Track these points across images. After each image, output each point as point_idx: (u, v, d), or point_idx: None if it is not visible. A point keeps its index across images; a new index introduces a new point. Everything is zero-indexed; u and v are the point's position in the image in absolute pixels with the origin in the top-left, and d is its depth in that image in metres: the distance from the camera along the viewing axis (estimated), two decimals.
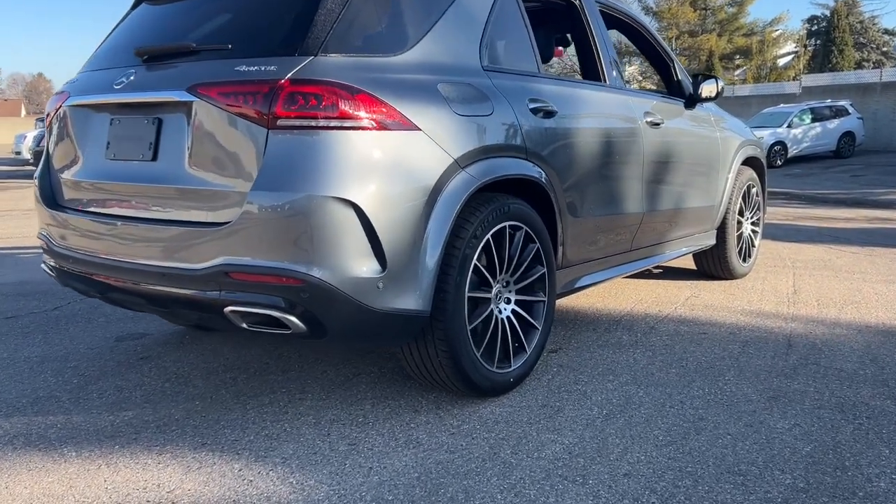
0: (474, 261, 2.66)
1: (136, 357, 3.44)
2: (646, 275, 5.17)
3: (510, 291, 2.95)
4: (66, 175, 2.90)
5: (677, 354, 3.41)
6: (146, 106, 2.61)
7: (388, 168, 2.40)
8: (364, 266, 2.35)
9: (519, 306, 2.98)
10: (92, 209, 2.77)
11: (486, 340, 2.77)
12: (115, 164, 2.71)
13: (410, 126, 2.46)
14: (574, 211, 3.26)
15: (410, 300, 2.47)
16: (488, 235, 2.72)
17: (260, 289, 2.35)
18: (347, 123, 2.32)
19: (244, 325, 2.44)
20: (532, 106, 3.00)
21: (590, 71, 3.79)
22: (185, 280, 2.44)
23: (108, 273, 2.68)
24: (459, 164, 2.58)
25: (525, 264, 2.95)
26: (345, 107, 2.32)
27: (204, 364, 3.32)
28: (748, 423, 2.64)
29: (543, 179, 3.01)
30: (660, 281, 5.04)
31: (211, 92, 2.38)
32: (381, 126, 2.38)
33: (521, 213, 2.88)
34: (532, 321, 3.01)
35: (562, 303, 4.32)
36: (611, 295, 4.60)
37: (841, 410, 2.75)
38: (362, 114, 2.34)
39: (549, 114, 3.09)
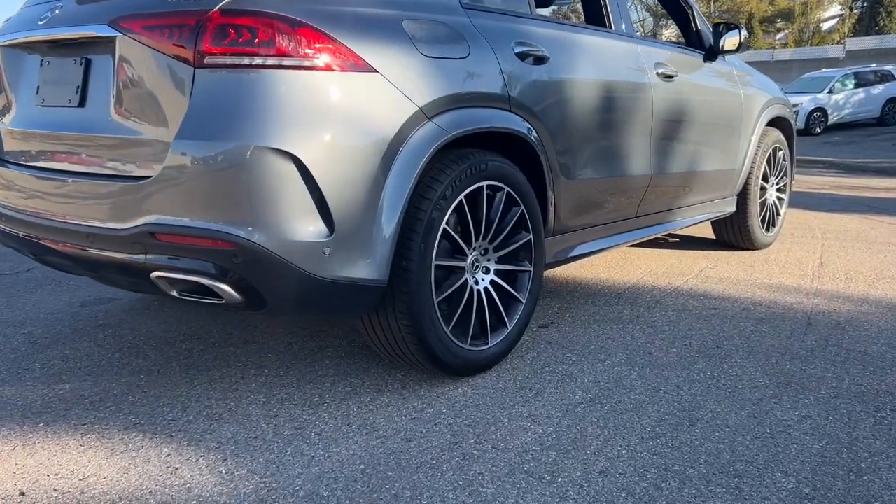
0: (443, 225, 2.35)
1: (95, 324, 3.20)
2: (658, 243, 4.81)
3: (489, 260, 2.63)
4: (1, 124, 2.64)
5: (681, 332, 3.08)
6: (73, 45, 2.31)
7: (336, 116, 2.08)
8: (307, 228, 2.05)
9: (500, 276, 2.66)
10: (22, 161, 2.50)
11: (458, 314, 2.47)
12: (45, 111, 2.43)
13: (365, 67, 2.13)
14: (568, 171, 2.91)
15: (363, 268, 2.17)
16: (461, 197, 2.41)
17: (188, 253, 2.07)
18: (287, 62, 2.00)
19: (174, 294, 2.17)
20: (519, 50, 2.65)
21: (593, 16, 3.40)
22: (112, 242, 2.17)
23: (39, 233, 2.42)
24: (425, 113, 2.26)
25: (507, 230, 2.63)
26: (284, 42, 2.00)
27: (163, 333, 3.07)
28: (752, 413, 2.31)
29: (532, 136, 2.67)
30: (673, 251, 4.67)
31: (134, 25, 2.08)
32: (329, 66, 2.06)
33: (502, 173, 2.55)
34: (515, 293, 2.70)
35: (560, 272, 3.99)
36: (618, 265, 4.26)
37: (861, 401, 2.40)
38: (305, 51, 2.02)
39: (540, 60, 2.74)
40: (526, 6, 2.89)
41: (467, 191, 2.42)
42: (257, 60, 1.98)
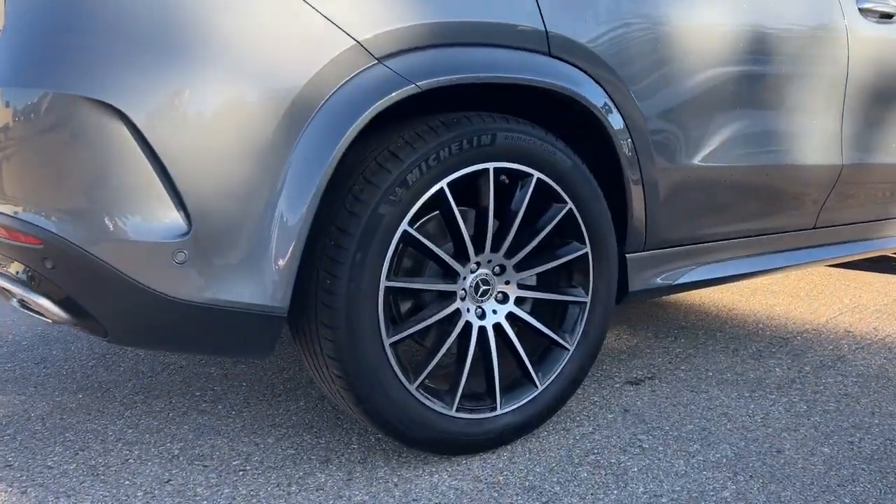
0: (403, 226, 1.51)
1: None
2: (856, 264, 3.44)
3: (507, 283, 1.74)
4: None
5: (858, 416, 1.92)
6: None
7: (196, 53, 1.34)
8: (145, 221, 1.35)
9: (524, 308, 1.76)
10: None
11: (434, 361, 1.63)
12: None
13: None
14: (673, 153, 1.90)
15: (245, 286, 1.41)
16: (442, 184, 1.54)
17: (2, 250, 1.46)
18: None
19: (16, 304, 1.58)
20: None
21: None
22: None
23: None
24: (371, 50, 1.44)
25: (539, 238, 1.71)
26: None
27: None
28: None
29: (588, 95, 1.71)
30: (878, 275, 3.29)
31: None
32: None
33: (527, 150, 1.64)
34: (553, 335, 1.77)
35: (702, 295, 2.89)
36: (796, 290, 3.03)
37: None
38: None
39: None
40: None
41: (455, 175, 1.56)
42: None
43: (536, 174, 1.66)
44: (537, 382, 1.76)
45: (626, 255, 1.94)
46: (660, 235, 1.98)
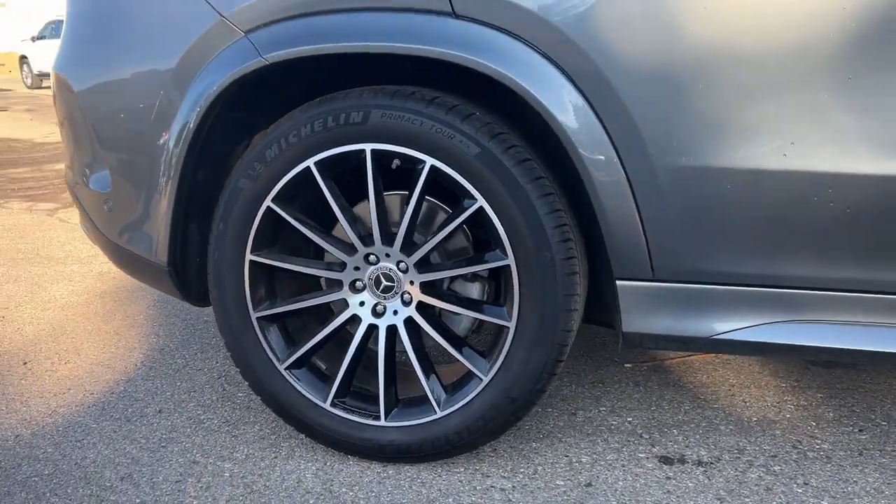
0: (267, 202, 1.49)
1: None
2: None
3: (412, 283, 1.50)
4: None
5: None
6: None
7: (108, 31, 1.58)
8: (90, 173, 1.68)
9: (428, 317, 1.50)
10: None
11: (305, 346, 1.55)
12: None
13: None
14: (682, 144, 1.30)
15: (140, 239, 1.63)
16: (309, 163, 1.45)
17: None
18: None
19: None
20: None
21: None
22: None
23: None
24: (236, 24, 1.45)
25: (439, 237, 1.44)
26: None
27: None
28: None
29: (505, 67, 1.31)
30: None
31: None
32: None
33: (410, 131, 1.38)
34: (459, 356, 1.47)
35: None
36: None
37: None
38: None
39: None
40: None
41: (324, 154, 1.44)
42: None
43: (430, 161, 1.39)
44: (435, 406, 1.50)
45: (618, 282, 1.43)
46: (683, 263, 1.38)
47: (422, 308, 1.51)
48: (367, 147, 1.42)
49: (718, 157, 1.29)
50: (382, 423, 1.53)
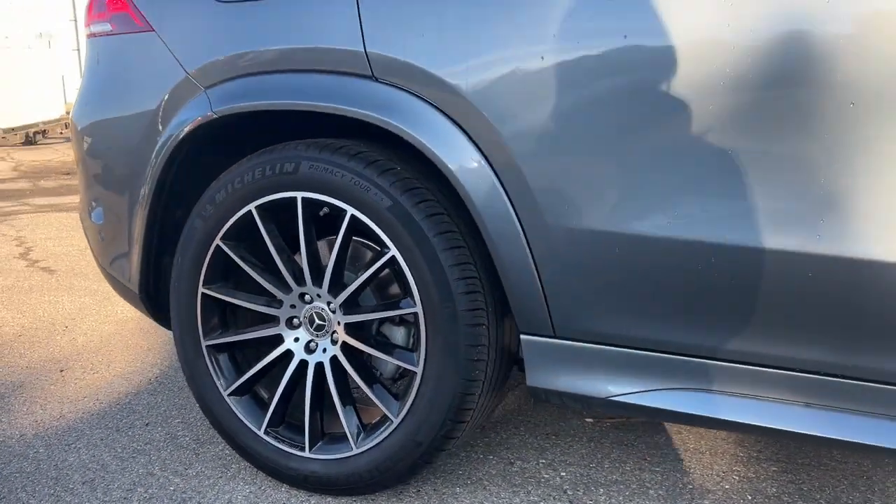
0: (217, 241, 1.63)
1: None
2: None
3: (339, 322, 1.59)
4: None
5: None
6: None
7: (104, 85, 1.80)
8: (87, 202, 1.91)
9: (350, 356, 1.59)
10: None
11: (245, 376, 1.68)
12: None
13: (143, 27, 1.72)
14: (572, 207, 1.33)
15: (123, 266, 1.82)
16: (250, 207, 1.58)
17: None
18: (95, 29, 1.86)
19: None
20: None
21: None
22: None
23: None
24: (197, 80, 1.62)
25: (358, 282, 1.53)
26: (95, 7, 1.86)
27: None
28: None
29: (410, 125, 1.41)
30: None
31: None
32: (113, 29, 1.79)
33: (333, 182, 1.49)
34: (373, 397, 1.55)
35: None
36: None
37: None
38: (105, 13, 1.82)
39: None
40: None
41: (263, 200, 1.57)
42: (89, 28, 1.92)
43: (350, 210, 1.50)
44: (352, 442, 1.57)
45: (522, 336, 1.46)
46: (581, 323, 1.40)
47: (347, 348, 1.60)
48: (298, 195, 1.54)
49: (605, 222, 1.32)
50: (306, 454, 1.63)
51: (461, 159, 1.39)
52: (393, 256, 1.47)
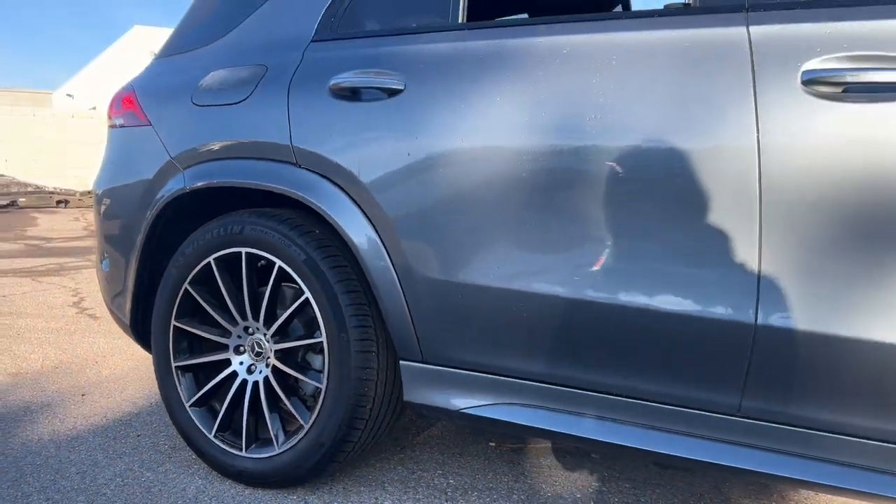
0: (185, 285, 2.13)
1: None
2: None
3: (273, 350, 2.04)
4: None
5: None
6: None
7: (114, 166, 2.36)
8: (99, 252, 2.44)
9: (277, 377, 2.04)
10: None
11: (200, 392, 2.15)
12: None
13: (144, 121, 2.28)
14: (432, 263, 1.77)
15: (123, 308, 2.34)
16: (209, 259, 2.08)
17: None
18: (113, 122, 2.43)
19: None
20: (340, 82, 1.90)
21: None
22: None
23: None
24: (178, 163, 2.15)
25: (282, 318, 2.01)
26: (115, 107, 2.44)
27: None
28: None
29: (317, 201, 1.91)
30: None
31: None
32: (125, 123, 2.35)
33: (266, 241, 1.98)
34: (290, 407, 2.00)
35: None
36: None
37: None
38: (121, 111, 2.39)
39: (390, 92, 1.84)
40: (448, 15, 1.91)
41: (219, 253, 2.06)
42: (109, 121, 2.50)
43: (279, 262, 1.98)
44: (275, 443, 2.01)
45: (400, 361, 1.89)
46: (441, 351, 1.83)
47: (276, 370, 2.05)
48: (243, 250, 2.03)
49: (452, 274, 1.76)
50: (243, 453, 2.07)
51: (355, 226, 1.86)
52: (307, 298, 1.94)
